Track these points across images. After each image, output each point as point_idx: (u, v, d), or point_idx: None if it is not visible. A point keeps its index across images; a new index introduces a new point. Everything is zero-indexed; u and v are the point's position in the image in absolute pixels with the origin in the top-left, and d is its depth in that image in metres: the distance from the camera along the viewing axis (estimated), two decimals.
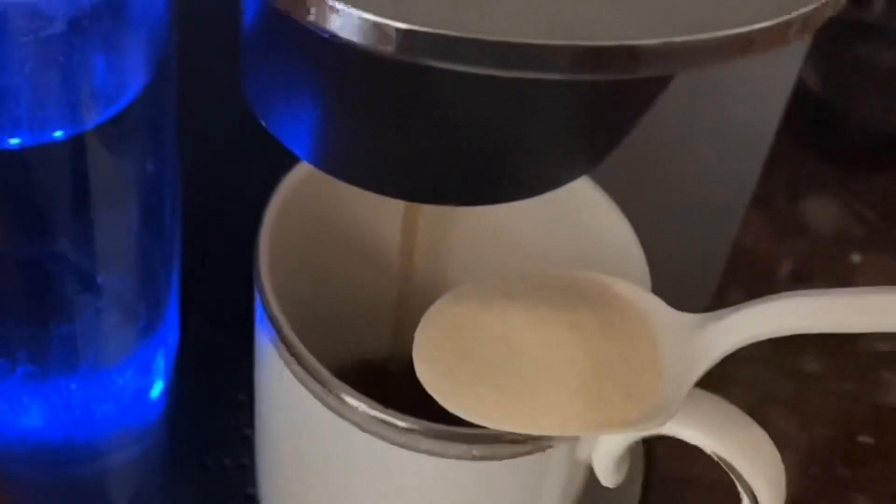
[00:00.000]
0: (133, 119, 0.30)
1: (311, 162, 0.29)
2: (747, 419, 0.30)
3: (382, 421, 0.30)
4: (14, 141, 0.28)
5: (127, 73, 0.29)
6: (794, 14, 0.21)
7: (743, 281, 0.56)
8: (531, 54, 0.20)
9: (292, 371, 0.31)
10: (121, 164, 0.31)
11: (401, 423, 0.30)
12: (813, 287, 0.57)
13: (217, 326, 0.43)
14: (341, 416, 0.31)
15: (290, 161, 0.34)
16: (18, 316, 0.32)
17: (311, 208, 0.35)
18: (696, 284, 0.51)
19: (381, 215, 0.36)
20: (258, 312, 0.33)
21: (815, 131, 0.59)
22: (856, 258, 0.58)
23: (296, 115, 0.28)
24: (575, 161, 0.28)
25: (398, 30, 0.21)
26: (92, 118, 0.29)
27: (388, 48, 0.21)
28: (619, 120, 0.27)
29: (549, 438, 0.30)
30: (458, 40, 0.20)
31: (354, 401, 0.30)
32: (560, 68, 0.21)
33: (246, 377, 0.38)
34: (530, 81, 0.21)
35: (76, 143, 0.29)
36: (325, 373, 0.31)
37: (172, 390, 0.39)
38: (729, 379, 0.52)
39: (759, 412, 0.51)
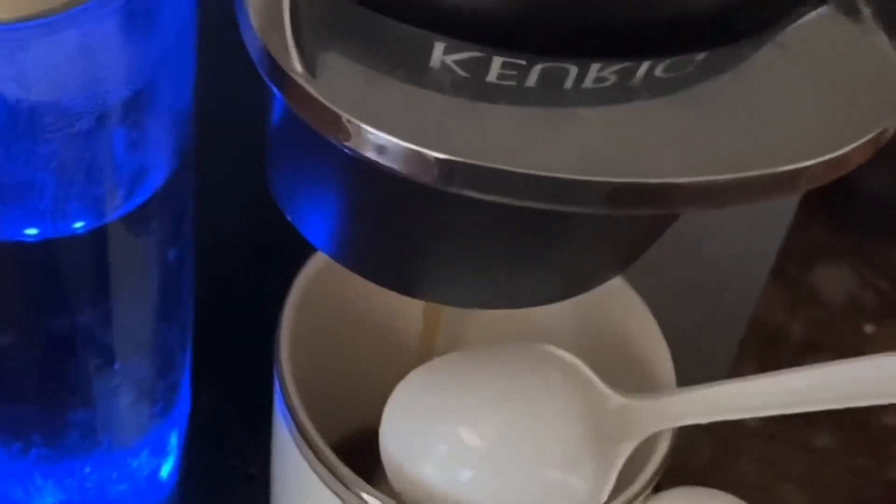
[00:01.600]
0: (156, 208, 0.30)
1: (333, 258, 0.28)
2: None
3: None
4: (31, 232, 0.28)
5: (150, 165, 0.29)
6: (836, 154, 0.21)
7: (757, 351, 0.55)
8: (573, 189, 0.20)
9: (310, 465, 0.31)
10: (140, 253, 0.30)
11: None
12: (825, 358, 0.57)
13: (227, 399, 0.43)
14: None
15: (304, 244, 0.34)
16: (34, 400, 0.32)
17: (331, 296, 0.34)
18: (713, 355, 0.50)
19: (402, 302, 0.35)
20: (277, 398, 0.32)
21: (829, 200, 0.59)
22: (869, 328, 0.58)
23: (320, 211, 0.27)
24: (602, 269, 0.27)
25: (439, 160, 0.20)
26: (114, 210, 0.29)
27: (428, 178, 0.20)
28: (650, 232, 0.26)
29: None
30: (499, 173, 0.20)
31: (374, 500, 0.30)
32: (600, 204, 0.20)
33: (256, 451, 0.37)
34: None
35: (97, 234, 0.29)
36: (345, 470, 0.30)
37: (183, 465, 0.39)
38: (739, 453, 0.51)
39: (770, 488, 0.51)
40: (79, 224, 0.28)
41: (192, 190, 0.32)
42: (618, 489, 0.30)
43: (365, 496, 0.30)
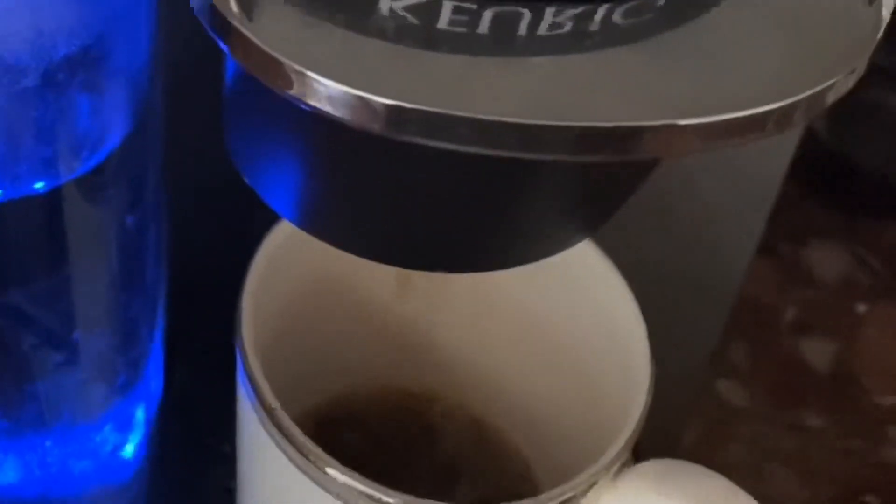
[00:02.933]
0: (113, 171, 0.29)
1: (293, 222, 0.27)
2: (750, 500, 0.29)
3: (368, 496, 0.29)
4: None
5: (106, 123, 0.28)
6: (801, 96, 0.20)
7: (746, 331, 0.55)
8: (527, 135, 0.19)
9: (274, 440, 0.30)
10: (100, 217, 0.30)
11: (388, 499, 0.29)
12: (817, 338, 0.56)
13: (201, 376, 0.42)
14: (325, 488, 0.29)
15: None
16: None
17: (295, 265, 0.33)
18: (699, 334, 0.50)
19: (368, 269, 0.34)
20: (239, 371, 0.32)
21: (822, 178, 0.58)
22: (861, 308, 0.57)
23: (277, 175, 0.27)
24: (570, 231, 0.26)
25: (386, 106, 0.19)
26: (69, 171, 0.28)
27: (375, 125, 0.19)
28: (619, 189, 0.26)
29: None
30: (448, 118, 0.19)
31: (339, 474, 0.29)
32: (558, 149, 0.19)
33: (230, 428, 0.36)
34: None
35: (53, 196, 0.28)
36: (308, 443, 0.29)
37: (153, 443, 0.38)
38: (727, 434, 0.50)
39: (760, 470, 0.50)
40: (32, 186, 0.27)
41: (156, 155, 0.31)
42: (588, 461, 0.29)
43: (328, 470, 0.29)
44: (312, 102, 0.20)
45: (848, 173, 0.59)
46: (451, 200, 0.24)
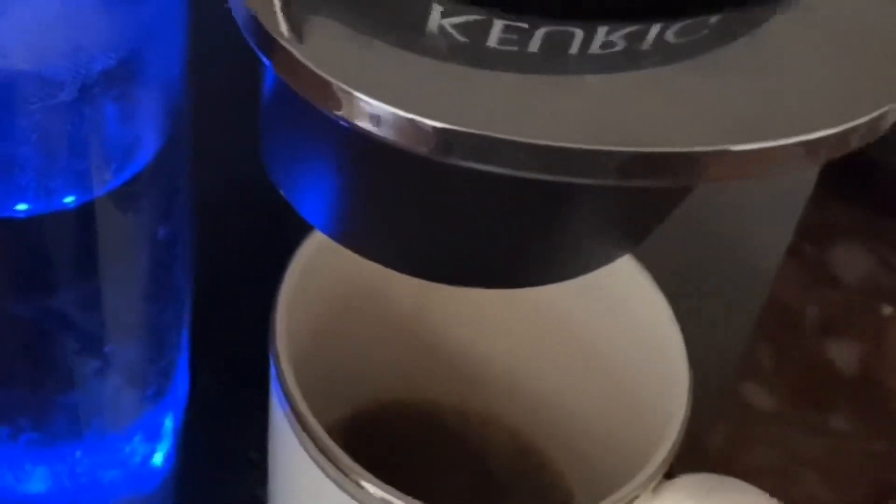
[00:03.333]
0: (146, 183, 0.29)
1: (327, 234, 0.27)
2: None
3: None
4: (21, 207, 0.27)
5: (139, 137, 0.28)
6: (859, 121, 0.19)
7: (771, 333, 0.54)
8: (578, 160, 0.19)
9: (306, 450, 0.30)
10: (132, 229, 0.29)
11: None
12: (842, 340, 0.55)
13: (228, 382, 0.41)
14: (359, 501, 0.29)
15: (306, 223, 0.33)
16: (23, 383, 0.31)
17: (329, 275, 0.33)
18: (727, 337, 0.49)
19: (401, 281, 0.34)
20: (273, 381, 0.31)
21: (846, 177, 0.58)
22: (887, 310, 0.57)
23: (314, 187, 0.26)
24: (612, 247, 0.26)
25: (436, 129, 0.19)
26: (102, 184, 0.27)
27: (424, 148, 0.19)
28: (660, 207, 0.25)
29: None
30: (500, 142, 0.19)
31: (375, 489, 0.29)
32: (608, 175, 0.19)
33: (257, 434, 0.36)
34: None
35: (86, 210, 0.28)
36: (341, 454, 0.29)
37: (180, 450, 0.38)
38: (754, 438, 0.50)
39: (785, 473, 0.50)
40: (64, 200, 0.27)
41: (186, 166, 0.31)
42: (627, 475, 0.29)
43: (364, 484, 0.29)
44: (361, 124, 0.20)
45: (873, 174, 0.59)
46: (491, 218, 0.24)
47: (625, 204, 0.24)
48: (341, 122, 0.20)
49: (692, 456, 0.32)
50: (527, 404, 0.37)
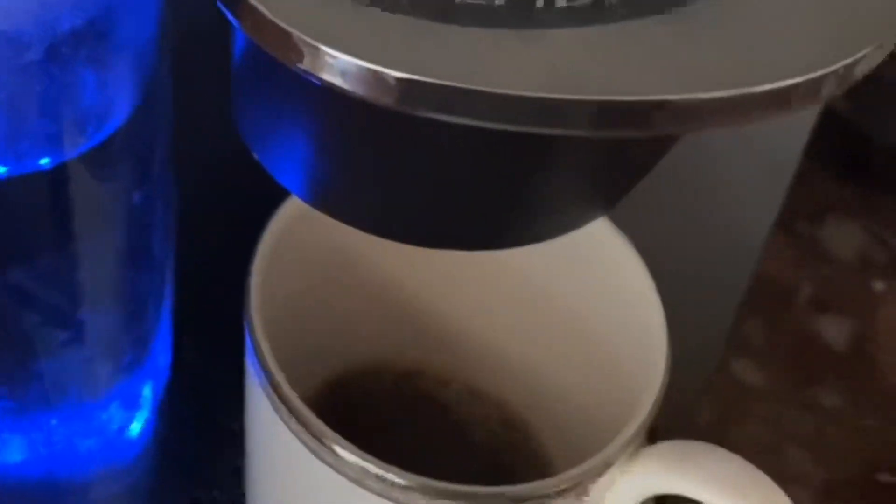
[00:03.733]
0: (120, 146, 0.28)
1: (303, 199, 0.27)
2: (768, 482, 0.28)
3: (379, 477, 0.28)
4: None
5: (111, 100, 0.27)
6: (829, 69, 0.19)
7: (761, 309, 0.54)
8: (544, 109, 0.18)
9: (281, 417, 0.30)
10: (107, 194, 0.29)
11: (399, 480, 0.28)
12: (833, 316, 0.55)
13: (210, 353, 0.41)
14: (335, 468, 0.29)
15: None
16: None
17: (305, 242, 0.33)
18: (715, 312, 0.49)
19: (378, 245, 0.34)
20: (248, 349, 0.31)
21: (841, 154, 0.57)
22: (879, 286, 0.56)
23: (288, 151, 0.26)
24: (586, 207, 0.26)
25: (399, 79, 0.19)
26: (73, 147, 0.27)
27: (388, 100, 0.19)
28: (636, 165, 0.25)
29: (553, 496, 0.29)
30: (464, 92, 0.18)
31: (349, 454, 0.28)
32: (576, 125, 0.19)
33: (239, 406, 0.36)
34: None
35: (58, 173, 0.27)
36: (315, 421, 0.29)
37: (161, 420, 0.38)
38: (743, 414, 0.50)
39: (775, 449, 0.50)
40: (37, 162, 0.27)
41: (164, 132, 0.31)
42: (607, 440, 0.29)
43: (338, 449, 0.28)
44: (324, 76, 0.19)
45: (866, 150, 0.59)
46: (465, 176, 0.24)
47: (598, 161, 0.24)
48: (305, 77, 0.20)
49: (683, 432, 0.32)
50: (508, 373, 0.37)
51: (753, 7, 0.20)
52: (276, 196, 0.33)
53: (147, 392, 0.35)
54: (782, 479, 0.45)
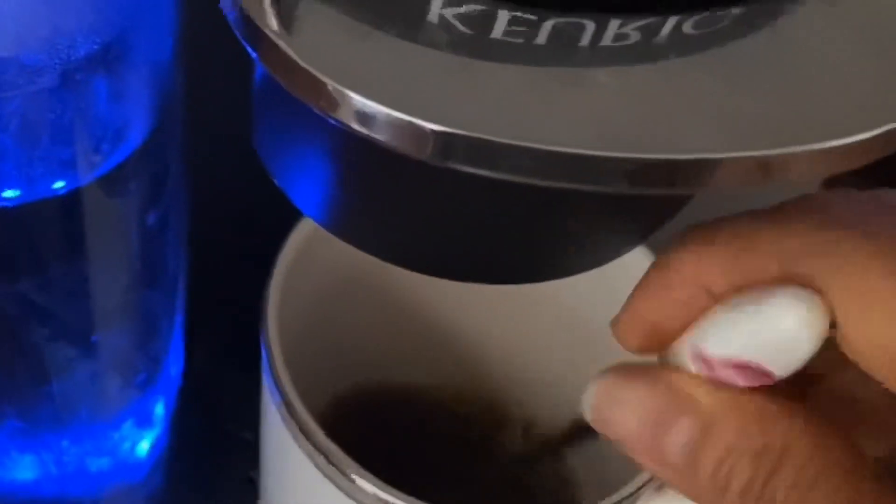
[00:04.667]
0: (134, 169, 0.27)
1: (321, 225, 0.26)
2: None
3: None
4: (7, 195, 0.26)
5: (127, 123, 0.27)
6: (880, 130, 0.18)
7: None
8: (586, 167, 0.18)
9: (298, 443, 0.29)
10: (117, 217, 0.28)
11: None
12: None
13: (221, 364, 0.40)
14: (348, 495, 0.28)
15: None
16: (6, 371, 0.30)
17: (320, 261, 0.32)
18: None
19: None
20: (265, 371, 0.30)
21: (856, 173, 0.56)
22: None
23: (307, 177, 0.25)
24: (616, 245, 0.25)
25: (436, 132, 0.18)
26: (89, 171, 0.26)
27: (423, 152, 0.18)
28: (673, 205, 0.24)
29: None
30: (504, 148, 0.17)
31: (366, 483, 0.28)
32: (618, 183, 0.18)
33: (251, 415, 0.35)
34: None
35: (73, 196, 0.27)
36: (334, 448, 0.28)
37: (173, 432, 0.37)
38: None
39: None
40: (51, 186, 0.26)
41: (177, 151, 0.30)
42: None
43: (357, 479, 0.28)
44: (355, 126, 0.18)
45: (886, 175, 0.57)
46: (491, 216, 0.23)
47: (635, 205, 0.23)
48: (334, 123, 0.19)
49: None
50: (527, 389, 0.36)
51: (806, 50, 0.19)
52: (286, 210, 0.32)
53: (159, 409, 0.35)
54: None
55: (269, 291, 0.30)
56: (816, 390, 0.24)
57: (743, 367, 0.21)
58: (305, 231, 0.31)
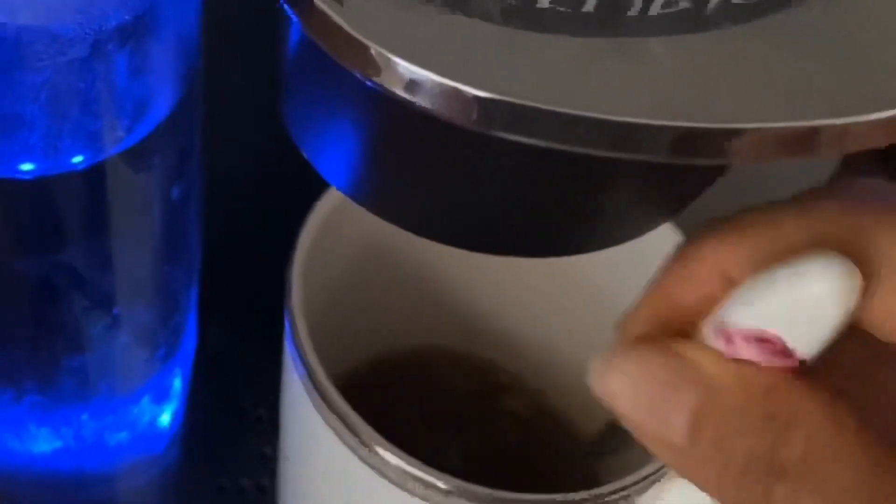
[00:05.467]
0: (158, 143, 0.27)
1: (350, 197, 0.26)
2: None
3: (416, 478, 0.28)
4: (27, 168, 0.26)
5: (153, 96, 0.27)
6: None
7: None
8: (630, 135, 0.18)
9: (321, 414, 0.29)
10: (142, 190, 0.28)
11: (436, 483, 0.28)
12: None
13: (237, 339, 0.41)
14: (375, 469, 0.28)
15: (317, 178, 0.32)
16: (27, 345, 0.30)
17: (345, 232, 0.32)
18: None
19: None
20: (288, 344, 0.30)
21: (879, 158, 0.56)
22: None
23: (337, 148, 0.25)
24: (646, 220, 0.25)
25: (480, 99, 0.18)
26: (114, 145, 0.26)
27: (467, 118, 0.18)
28: (704, 179, 0.24)
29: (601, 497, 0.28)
30: (550, 115, 0.18)
31: (389, 455, 0.28)
32: (663, 152, 0.18)
33: (265, 391, 0.36)
34: None
35: (95, 171, 0.27)
36: (356, 418, 0.28)
37: (188, 406, 0.37)
38: None
39: None
40: (76, 159, 0.26)
41: (198, 124, 0.30)
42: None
43: (380, 450, 0.28)
44: (398, 91, 0.18)
45: None
46: (521, 188, 0.23)
47: (666, 177, 0.23)
48: (376, 89, 0.19)
49: None
50: (547, 363, 0.37)
51: (870, 14, 0.19)
52: (305, 183, 0.32)
53: (177, 383, 0.35)
54: None
55: (294, 263, 0.30)
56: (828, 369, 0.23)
57: (764, 343, 0.20)
58: (330, 203, 0.32)
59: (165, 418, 0.35)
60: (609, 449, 0.32)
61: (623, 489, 0.28)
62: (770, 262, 0.20)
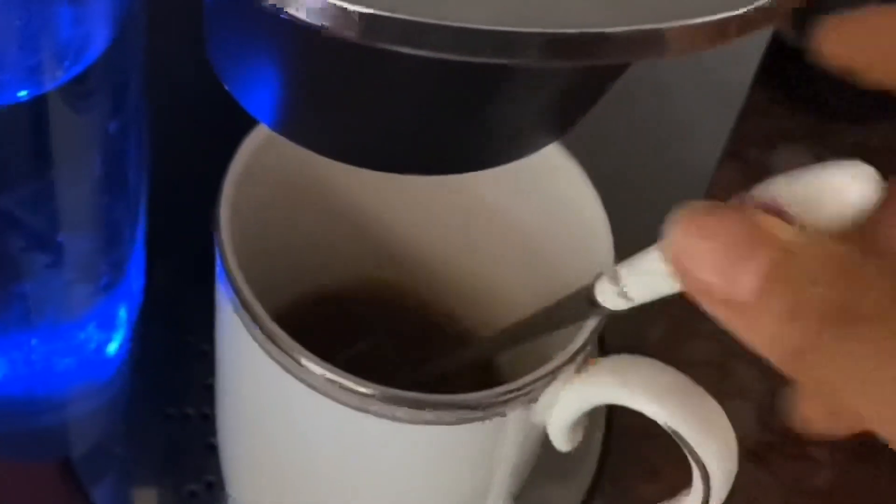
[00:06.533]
0: (96, 78, 0.29)
1: (273, 129, 0.28)
2: (702, 393, 0.30)
3: (340, 385, 0.30)
4: None
5: (89, 32, 0.28)
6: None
7: None
8: (499, 41, 0.20)
9: (250, 333, 0.31)
10: (84, 123, 0.30)
11: (358, 388, 0.30)
12: None
13: (182, 276, 0.43)
14: (300, 379, 0.30)
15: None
16: None
17: (274, 166, 0.34)
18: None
19: (344, 171, 0.35)
20: (218, 269, 0.32)
21: (790, 83, 0.59)
22: None
23: (255, 81, 0.27)
24: (541, 133, 0.27)
25: (362, 14, 0.20)
26: (53, 78, 0.28)
27: (352, 33, 0.20)
28: (589, 92, 0.26)
29: (503, 404, 0.30)
30: (423, 26, 0.20)
31: (313, 365, 0.30)
32: (530, 56, 0.20)
33: (210, 327, 0.37)
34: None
35: (37, 103, 0.28)
36: (283, 335, 0.30)
37: (136, 340, 0.39)
38: (693, 332, 0.52)
39: (722, 366, 0.52)
40: (16, 94, 0.28)
41: (138, 62, 0.32)
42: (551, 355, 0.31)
43: (306, 363, 0.30)
44: (290, 11, 0.21)
45: (816, 78, 0.60)
46: (424, 104, 0.25)
47: (550, 88, 0.25)
48: (273, 12, 0.21)
49: (632, 349, 0.33)
50: (463, 289, 0.39)
51: None
52: (246, 122, 0.34)
53: (122, 313, 0.37)
54: (729, 394, 0.47)
55: (222, 195, 0.32)
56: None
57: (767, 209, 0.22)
58: (255, 141, 0.33)
59: (112, 346, 0.37)
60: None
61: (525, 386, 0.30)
62: None
